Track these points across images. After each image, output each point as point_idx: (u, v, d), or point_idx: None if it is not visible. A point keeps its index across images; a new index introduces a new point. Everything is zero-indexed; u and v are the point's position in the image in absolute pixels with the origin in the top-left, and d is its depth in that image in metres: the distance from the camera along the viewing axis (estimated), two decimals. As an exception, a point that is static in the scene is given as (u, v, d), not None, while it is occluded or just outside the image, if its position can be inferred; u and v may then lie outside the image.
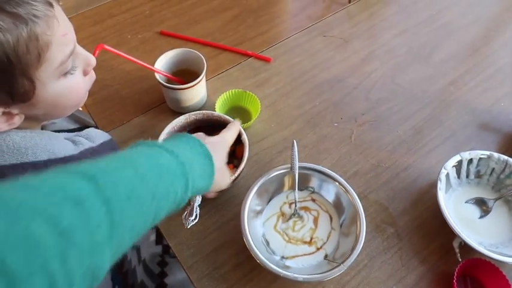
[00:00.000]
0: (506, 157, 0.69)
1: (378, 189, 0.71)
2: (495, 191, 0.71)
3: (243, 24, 0.91)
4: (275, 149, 0.74)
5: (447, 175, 0.68)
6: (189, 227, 0.59)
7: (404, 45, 0.91)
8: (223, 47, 0.87)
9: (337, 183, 0.65)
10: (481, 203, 0.70)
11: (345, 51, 0.89)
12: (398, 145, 0.76)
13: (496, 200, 0.69)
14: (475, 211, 0.69)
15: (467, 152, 0.70)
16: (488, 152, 0.70)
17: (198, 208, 0.61)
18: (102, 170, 0.34)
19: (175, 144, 0.45)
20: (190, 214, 0.60)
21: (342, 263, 0.58)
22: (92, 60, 0.53)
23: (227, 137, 0.60)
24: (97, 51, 0.63)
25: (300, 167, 0.66)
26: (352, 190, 0.64)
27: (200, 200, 0.61)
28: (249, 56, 0.86)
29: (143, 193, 0.36)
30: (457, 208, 0.69)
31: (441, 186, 0.66)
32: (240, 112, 0.78)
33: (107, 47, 0.65)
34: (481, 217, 0.69)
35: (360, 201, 0.63)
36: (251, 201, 0.63)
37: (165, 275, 0.78)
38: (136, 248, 0.77)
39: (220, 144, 0.56)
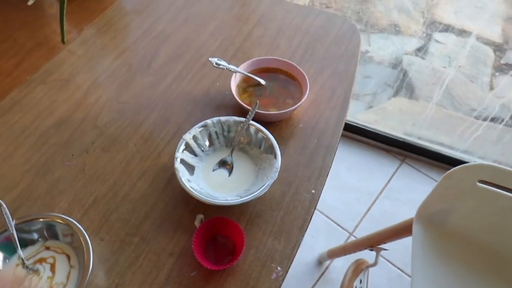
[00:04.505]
0: (217, 118, 0.78)
1: (118, 206, 0.73)
2: (230, 148, 0.79)
3: (-48, 103, 0.86)
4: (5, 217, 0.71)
5: (182, 161, 0.74)
6: None
7: (124, 65, 0.96)
8: None
9: (59, 220, 0.65)
10: (223, 163, 0.77)
11: (67, 91, 0.90)
12: (131, 158, 0.79)
13: (230, 154, 0.77)
14: (223, 173, 0.76)
15: (187, 133, 0.76)
16: (203, 122, 0.77)
17: None
18: None
19: None
20: None
21: (73, 297, 0.58)
22: None
23: None
24: None
25: (21, 222, 0.65)
26: (70, 219, 0.65)
27: None
28: (-39, 133, 0.81)
29: None
30: (207, 180, 0.75)
31: (182, 173, 0.71)
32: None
33: None
34: (230, 174, 0.76)
35: (84, 229, 0.64)
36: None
37: None
38: None
39: None
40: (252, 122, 0.78)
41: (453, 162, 1.69)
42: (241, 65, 0.88)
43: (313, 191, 0.76)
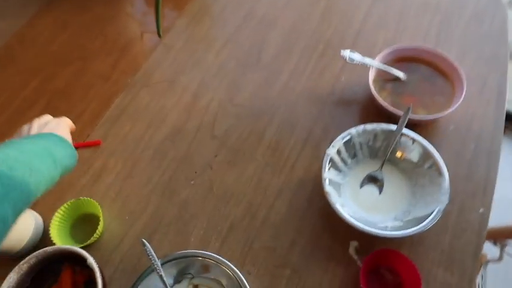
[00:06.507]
0: (361, 126, 0.67)
1: (259, 233, 0.65)
2: (374, 159, 0.69)
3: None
4: (139, 245, 0.64)
5: (330, 181, 0.64)
6: None
7: (230, 59, 0.84)
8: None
9: (207, 259, 0.58)
10: (372, 179, 0.67)
11: (174, 94, 0.81)
12: (262, 172, 0.70)
13: (381, 168, 0.67)
14: (372, 190, 0.67)
15: (331, 147, 0.66)
16: (346, 133, 0.67)
17: None
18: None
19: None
20: None
21: None
22: None
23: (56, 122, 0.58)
24: None
25: (166, 261, 0.58)
26: (222, 259, 0.58)
27: None
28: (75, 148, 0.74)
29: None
30: (355, 199, 0.66)
31: (333, 198, 0.61)
32: (88, 222, 0.67)
33: None
34: (380, 192, 0.66)
35: (237, 267, 0.57)
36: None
37: None
38: None
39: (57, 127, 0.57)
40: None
41: None
42: (377, 57, 0.74)
43: (481, 210, 0.64)
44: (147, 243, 0.57)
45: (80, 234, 0.66)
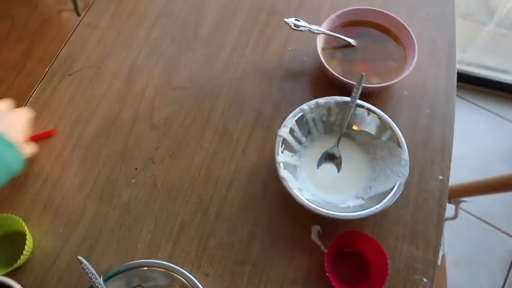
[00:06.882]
0: (313, 101, 0.61)
1: (213, 229, 0.59)
2: (330, 135, 0.64)
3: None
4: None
5: (284, 164, 0.58)
6: None
7: (164, 36, 0.75)
8: None
9: (156, 268, 0.52)
10: (329, 157, 0.63)
11: (103, 81, 0.70)
12: (210, 161, 0.64)
13: (337, 144, 0.63)
14: (330, 169, 0.62)
15: (282, 127, 0.60)
16: (297, 110, 0.61)
17: None
18: None
19: None
20: None
21: None
22: None
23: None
24: None
25: (109, 277, 0.51)
26: (174, 266, 0.52)
27: None
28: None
29: None
30: (313, 180, 0.61)
31: (290, 183, 0.56)
32: (13, 241, 0.57)
33: None
34: (339, 170, 0.62)
35: (193, 270, 0.51)
36: None
37: None
38: None
39: None
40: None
41: None
42: (324, 23, 0.68)
43: (440, 177, 0.62)
44: (83, 260, 0.49)
45: (4, 257, 0.56)
